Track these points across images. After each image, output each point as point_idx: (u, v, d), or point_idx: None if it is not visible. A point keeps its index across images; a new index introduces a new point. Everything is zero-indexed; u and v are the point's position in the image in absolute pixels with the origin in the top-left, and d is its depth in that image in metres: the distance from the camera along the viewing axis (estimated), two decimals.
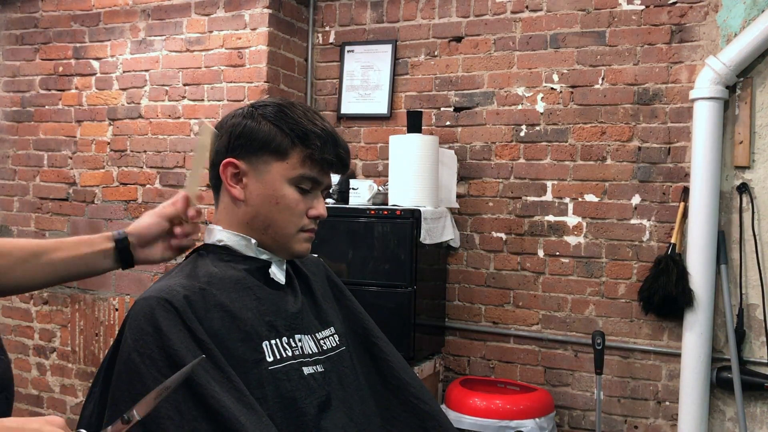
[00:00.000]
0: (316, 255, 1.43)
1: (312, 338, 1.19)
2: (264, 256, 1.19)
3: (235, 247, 1.18)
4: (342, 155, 1.18)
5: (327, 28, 3.37)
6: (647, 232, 2.82)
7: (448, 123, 3.14)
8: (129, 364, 1.01)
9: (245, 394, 1.02)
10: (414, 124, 2.88)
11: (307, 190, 1.17)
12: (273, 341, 1.12)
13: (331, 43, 3.37)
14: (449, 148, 3.09)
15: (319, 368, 1.16)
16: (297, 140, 1.14)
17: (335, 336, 1.25)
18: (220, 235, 1.18)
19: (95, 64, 3.49)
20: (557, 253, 2.96)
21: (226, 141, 1.16)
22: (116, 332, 1.52)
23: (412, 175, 2.80)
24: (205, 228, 1.24)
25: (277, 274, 1.20)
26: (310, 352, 1.17)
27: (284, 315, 1.17)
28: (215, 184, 1.20)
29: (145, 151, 3.38)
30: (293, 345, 1.15)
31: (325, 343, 1.22)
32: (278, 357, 1.11)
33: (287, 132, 1.14)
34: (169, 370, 0.96)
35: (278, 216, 1.16)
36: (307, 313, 1.23)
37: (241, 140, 1.15)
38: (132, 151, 3.41)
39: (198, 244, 1.24)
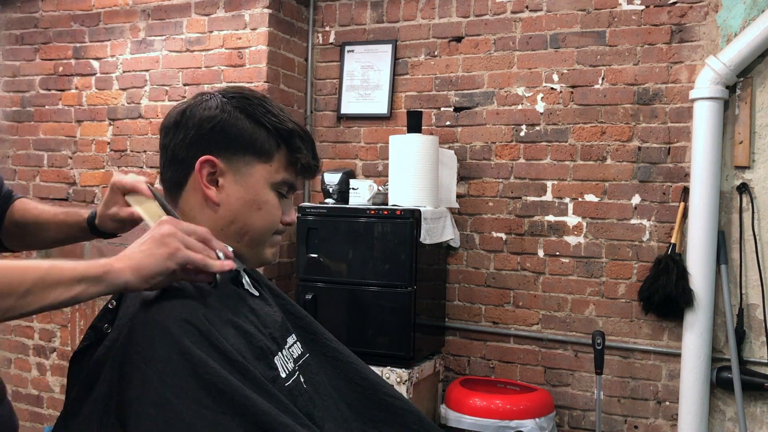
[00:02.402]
0: None
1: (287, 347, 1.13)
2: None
3: None
4: (318, 160, 1.11)
5: (327, 28, 3.37)
6: (647, 232, 2.82)
7: (448, 123, 3.14)
8: (165, 406, 0.84)
9: (300, 416, 0.94)
10: (414, 124, 2.88)
11: (284, 195, 1.08)
12: (278, 355, 1.05)
13: (331, 43, 3.37)
14: (449, 148, 3.09)
15: (302, 378, 1.11)
16: (281, 141, 1.05)
17: (298, 343, 1.18)
18: None
19: (95, 64, 3.49)
20: (557, 253, 2.96)
21: (195, 134, 1.03)
22: None
23: (412, 175, 2.80)
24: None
25: (250, 283, 1.13)
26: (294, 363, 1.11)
27: (276, 326, 1.11)
28: (177, 181, 1.05)
29: (145, 151, 3.38)
30: (288, 357, 1.09)
31: (293, 351, 1.14)
32: (287, 372, 1.05)
33: (272, 131, 1.04)
34: (213, 403, 0.85)
35: (258, 222, 1.05)
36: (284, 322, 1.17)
37: (220, 136, 1.02)
38: (132, 151, 3.41)
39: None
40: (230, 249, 0.99)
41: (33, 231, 1.29)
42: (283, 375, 1.03)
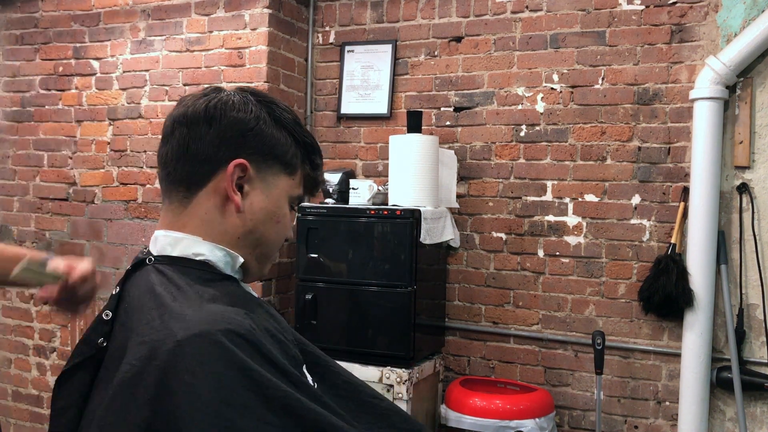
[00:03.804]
0: None
1: None
2: (236, 276, 1.01)
3: (218, 265, 0.96)
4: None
5: (327, 28, 3.37)
6: (647, 232, 2.82)
7: (448, 123, 3.14)
8: (228, 427, 0.77)
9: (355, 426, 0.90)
10: (414, 124, 2.88)
11: (293, 209, 1.05)
12: (305, 363, 1.00)
13: (331, 43, 3.37)
14: (449, 148, 3.09)
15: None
16: (305, 156, 1.01)
17: None
18: (199, 247, 0.95)
19: (95, 64, 3.49)
20: (557, 253, 2.96)
21: (228, 134, 0.95)
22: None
23: (412, 175, 2.80)
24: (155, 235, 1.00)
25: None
26: None
27: (292, 333, 1.06)
28: (194, 180, 0.96)
29: (145, 151, 3.38)
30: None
31: None
32: (312, 380, 1.01)
33: (300, 144, 1.00)
34: (277, 419, 0.79)
35: (274, 236, 1.01)
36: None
37: (255, 141, 0.96)
38: (132, 151, 3.41)
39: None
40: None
41: None
42: (314, 384, 0.99)
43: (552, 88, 2.96)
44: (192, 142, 0.95)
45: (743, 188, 2.66)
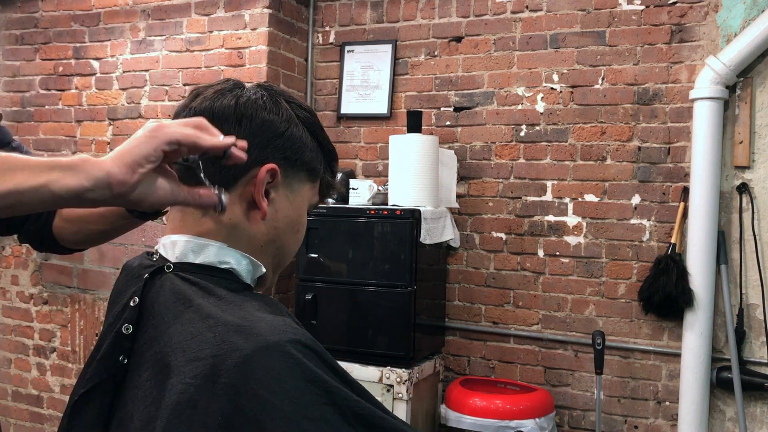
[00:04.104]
0: None
1: None
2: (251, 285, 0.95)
3: (241, 273, 0.89)
4: None
5: (327, 28, 3.37)
6: (647, 232, 2.82)
7: (448, 123, 3.14)
8: None
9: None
10: (414, 124, 2.88)
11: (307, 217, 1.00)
12: None
13: (331, 43, 3.37)
14: (449, 148, 3.09)
15: None
16: (327, 163, 0.96)
17: None
18: (225, 255, 0.88)
19: (95, 64, 3.49)
20: (557, 253, 2.96)
21: (261, 136, 0.87)
22: None
23: (412, 175, 2.80)
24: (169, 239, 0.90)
25: None
26: None
27: None
28: (222, 181, 0.87)
29: None
30: None
31: None
32: None
33: (325, 151, 0.95)
34: (352, 429, 0.76)
35: (292, 246, 0.96)
36: None
37: (286, 146, 0.89)
38: None
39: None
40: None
41: (78, 227, 1.25)
42: None
43: (552, 88, 2.96)
44: None
45: (743, 188, 2.66)
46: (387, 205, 2.85)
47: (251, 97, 0.89)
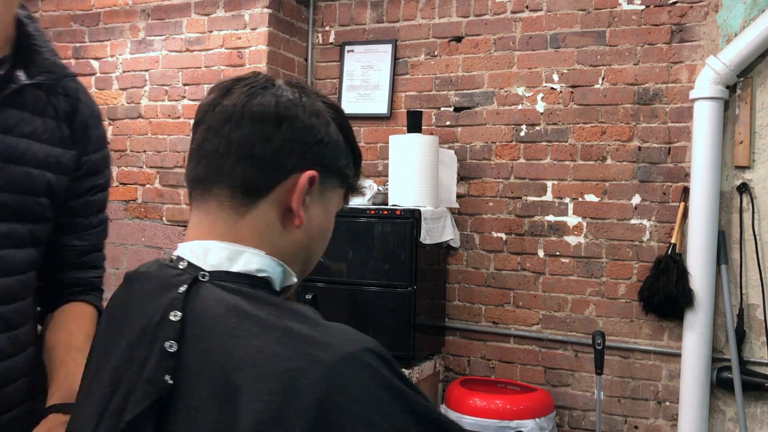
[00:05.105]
0: None
1: None
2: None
3: (275, 282, 0.85)
4: None
5: (327, 28, 3.37)
6: (647, 232, 2.82)
7: (448, 123, 3.13)
8: None
9: None
10: (414, 124, 2.88)
11: None
12: None
13: (331, 43, 3.37)
14: (449, 148, 3.09)
15: None
16: (355, 167, 0.93)
17: None
18: (262, 262, 0.83)
19: (95, 64, 3.49)
20: (557, 253, 2.95)
21: (302, 142, 0.84)
22: None
23: (412, 175, 2.79)
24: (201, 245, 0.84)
25: None
26: None
27: None
28: (258, 187, 0.82)
29: (145, 151, 3.38)
30: None
31: None
32: None
33: (357, 156, 0.92)
34: None
35: (320, 253, 0.93)
36: None
37: (324, 151, 0.86)
38: (132, 151, 3.41)
39: None
40: None
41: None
42: None
43: (552, 88, 2.96)
44: (259, 142, 0.82)
45: (743, 188, 2.66)
46: (387, 205, 2.85)
47: (290, 97, 0.85)
